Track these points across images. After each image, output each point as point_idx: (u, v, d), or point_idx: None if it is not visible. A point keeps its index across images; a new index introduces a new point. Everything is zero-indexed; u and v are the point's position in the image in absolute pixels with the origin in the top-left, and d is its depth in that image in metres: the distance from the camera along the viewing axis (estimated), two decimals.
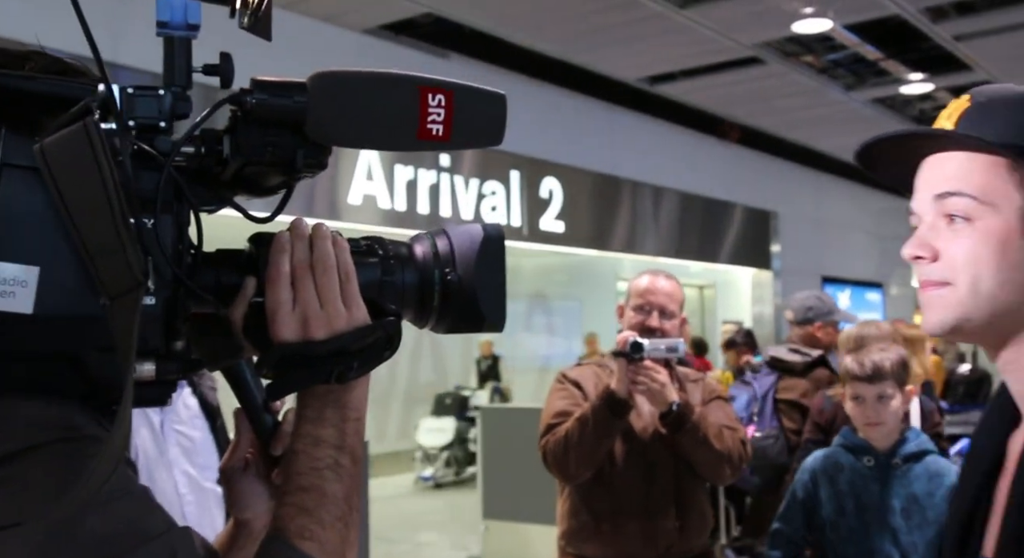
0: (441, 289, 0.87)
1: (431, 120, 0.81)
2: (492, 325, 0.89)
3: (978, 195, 0.94)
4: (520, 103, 8.28)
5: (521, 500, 5.61)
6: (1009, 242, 0.94)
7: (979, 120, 0.95)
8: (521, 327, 11.35)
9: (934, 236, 0.97)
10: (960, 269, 0.95)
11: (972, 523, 1.03)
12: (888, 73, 7.97)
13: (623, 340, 2.45)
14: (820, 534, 2.63)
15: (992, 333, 0.98)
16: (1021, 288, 0.94)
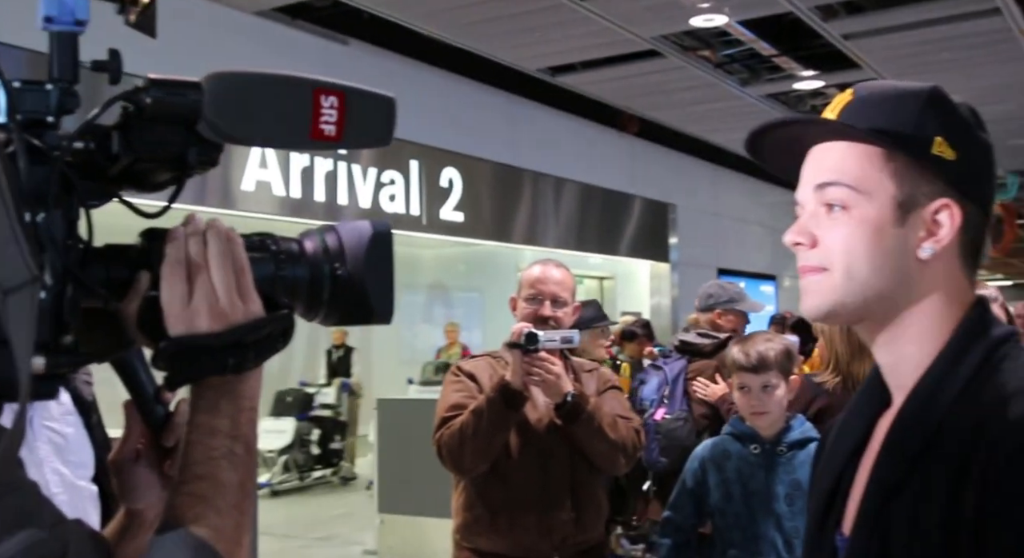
0: (331, 283, 0.89)
1: (324, 120, 0.84)
2: (381, 317, 0.92)
3: (854, 185, 0.98)
4: (420, 92, 8.24)
5: (417, 494, 5.57)
6: (883, 229, 0.98)
7: (859, 113, 1.00)
8: (421, 318, 11.28)
9: (814, 224, 1.01)
10: (837, 256, 0.99)
11: (834, 500, 1.06)
12: (781, 69, 8.17)
13: (518, 331, 2.44)
14: (709, 520, 2.68)
15: (867, 317, 1.02)
16: (893, 274, 0.98)
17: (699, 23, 6.67)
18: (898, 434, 0.98)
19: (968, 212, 0.98)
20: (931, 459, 0.92)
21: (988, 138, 1.02)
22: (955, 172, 0.98)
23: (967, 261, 1.01)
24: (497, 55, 7.57)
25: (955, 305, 1.00)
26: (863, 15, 6.72)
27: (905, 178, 0.98)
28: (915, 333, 1.00)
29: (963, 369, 0.95)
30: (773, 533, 2.55)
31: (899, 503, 0.93)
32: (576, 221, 9.86)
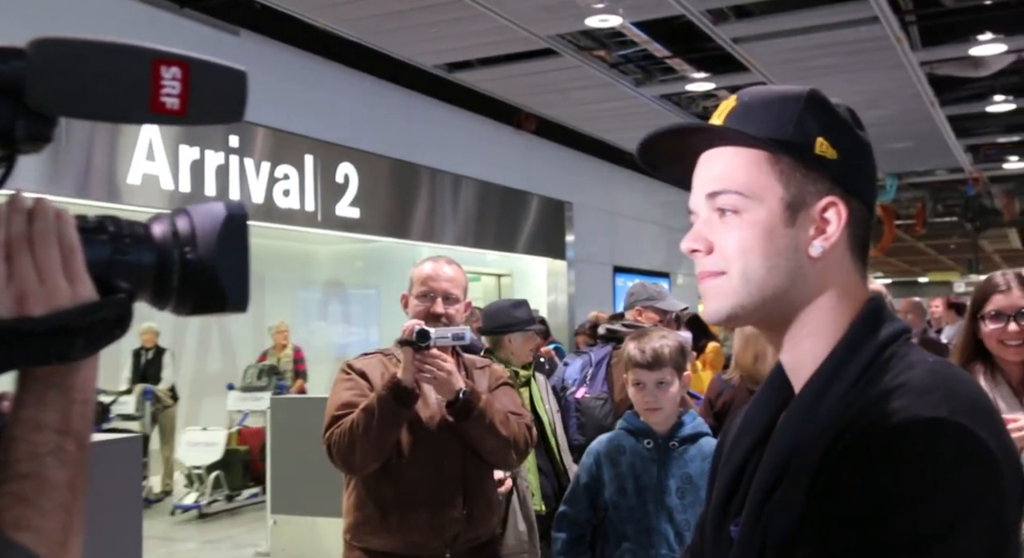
0: (180, 269, 0.84)
1: (165, 93, 0.78)
2: (235, 305, 0.86)
3: (743, 191, 1.01)
4: (315, 86, 8.08)
5: (310, 494, 5.49)
6: (774, 230, 1.00)
7: (743, 117, 1.02)
8: (317, 316, 11.10)
9: (709, 230, 1.03)
10: (732, 259, 1.01)
11: (736, 490, 1.07)
12: (674, 71, 8.33)
13: (409, 329, 2.42)
14: (603, 515, 2.71)
15: (766, 318, 1.04)
16: (787, 273, 1.01)
17: (594, 23, 6.75)
18: (782, 433, 1.00)
19: (853, 208, 1.02)
20: (805, 452, 0.94)
21: (866, 137, 1.06)
22: (838, 170, 1.01)
23: (856, 256, 1.04)
24: (394, 50, 7.51)
25: (849, 300, 1.02)
26: (751, 20, 6.90)
27: (791, 179, 1.00)
28: (812, 330, 1.02)
29: (853, 366, 0.97)
30: (665, 526, 2.59)
31: (775, 501, 0.95)
32: (474, 218, 9.85)
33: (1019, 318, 2.55)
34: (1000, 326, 2.56)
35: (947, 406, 0.88)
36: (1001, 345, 2.59)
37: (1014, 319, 2.55)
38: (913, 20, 7.12)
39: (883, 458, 0.87)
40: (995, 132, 11.32)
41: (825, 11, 6.64)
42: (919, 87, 8.35)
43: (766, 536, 0.95)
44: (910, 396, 0.90)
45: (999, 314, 2.57)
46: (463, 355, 2.66)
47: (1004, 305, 2.57)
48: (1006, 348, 2.59)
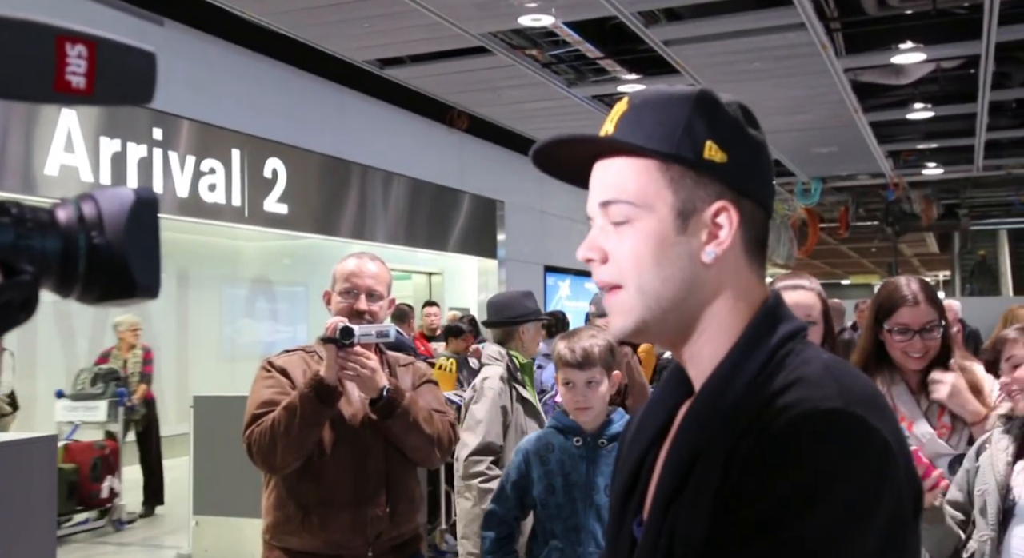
0: (88, 254, 0.79)
1: (70, 72, 0.75)
2: (145, 292, 0.82)
3: (634, 200, 1.00)
4: (242, 79, 7.92)
5: (233, 493, 5.39)
6: (666, 239, 1.00)
7: (633, 122, 1.01)
8: (242, 313, 10.91)
9: (603, 238, 1.03)
10: (627, 271, 1.01)
11: (635, 486, 1.07)
12: (606, 72, 8.39)
13: (332, 326, 2.38)
14: (532, 513, 2.71)
15: (668, 331, 1.04)
16: (682, 282, 1.00)
17: (527, 22, 6.75)
18: (683, 432, 1.00)
19: (747, 211, 1.01)
20: (711, 450, 0.94)
21: (760, 135, 1.04)
22: (728, 174, 1.00)
23: (752, 257, 1.03)
24: (325, 45, 7.40)
25: (745, 302, 1.02)
26: (682, 22, 6.98)
27: (681, 186, 0.99)
28: (710, 334, 1.02)
29: (750, 365, 0.97)
30: (593, 523, 2.60)
31: (682, 500, 0.95)
32: (405, 216, 9.78)
33: (924, 334, 2.61)
34: (905, 340, 2.62)
35: (842, 398, 0.89)
36: (904, 355, 2.65)
37: (919, 334, 2.61)
38: (838, 27, 7.29)
39: (784, 452, 0.88)
40: (915, 139, 11.66)
41: (753, 16, 6.75)
42: (843, 93, 8.55)
43: (673, 538, 0.94)
44: (806, 389, 0.91)
45: (906, 329, 2.62)
46: (386, 352, 2.64)
47: (911, 320, 2.61)
48: (909, 358, 2.65)
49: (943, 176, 14.04)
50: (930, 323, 2.61)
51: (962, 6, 6.98)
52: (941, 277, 27.68)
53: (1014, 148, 12.37)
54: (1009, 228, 20.10)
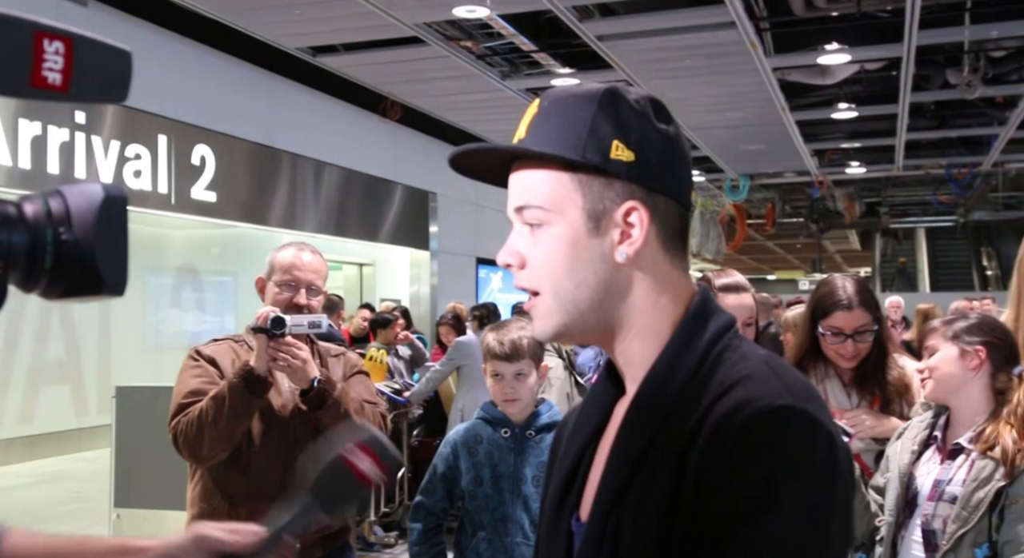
0: (55, 250, 0.81)
1: (47, 68, 0.75)
2: (111, 289, 0.84)
3: (545, 205, 1.01)
4: (169, 64, 7.73)
5: (156, 485, 5.30)
6: (578, 242, 1.00)
7: (543, 125, 1.02)
8: (168, 302, 10.68)
9: (521, 243, 1.04)
10: (543, 277, 1.01)
11: (571, 485, 1.08)
12: (540, 65, 8.41)
13: (264, 316, 2.35)
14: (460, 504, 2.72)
15: (591, 332, 1.04)
16: (596, 285, 1.01)
17: (462, 14, 6.73)
18: (626, 431, 1.00)
19: (659, 207, 1.01)
20: (658, 450, 0.95)
21: (671, 129, 1.04)
22: (637, 172, 1.00)
23: (672, 253, 1.03)
24: (255, 31, 7.28)
25: (670, 298, 1.03)
26: (615, 18, 7.03)
27: (590, 188, 1.00)
28: (637, 332, 1.02)
29: (686, 363, 0.98)
30: (521, 514, 2.62)
31: (630, 494, 0.96)
32: (336, 206, 9.69)
33: (856, 337, 2.69)
34: (838, 342, 2.70)
35: (791, 395, 0.91)
36: (837, 355, 2.74)
37: (851, 338, 2.69)
38: (767, 27, 7.42)
39: (745, 453, 0.89)
40: (839, 138, 11.95)
41: (685, 14, 6.84)
42: (771, 92, 8.72)
43: (618, 538, 0.95)
44: (754, 387, 0.92)
45: (839, 333, 2.70)
46: (318, 343, 2.62)
47: (845, 324, 2.69)
48: (842, 358, 2.74)
49: (865, 175, 14.42)
50: (863, 327, 2.68)
51: (885, 10, 7.18)
52: (863, 273, 28.47)
53: (932, 149, 12.78)
54: (927, 226, 20.78)
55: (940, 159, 13.14)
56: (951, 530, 2.21)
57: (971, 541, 2.18)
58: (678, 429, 0.94)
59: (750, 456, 0.88)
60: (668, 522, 0.91)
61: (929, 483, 2.32)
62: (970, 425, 2.33)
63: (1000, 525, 2.18)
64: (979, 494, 2.19)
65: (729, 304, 2.61)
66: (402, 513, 6.57)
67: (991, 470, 2.21)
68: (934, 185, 15.21)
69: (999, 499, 2.18)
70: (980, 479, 2.21)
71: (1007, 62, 8.56)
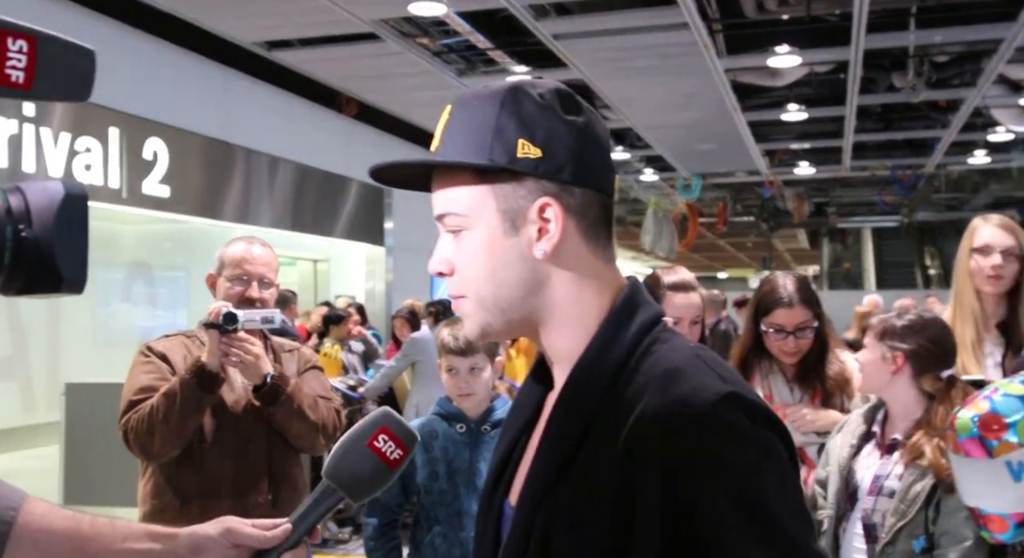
0: (14, 246, 0.82)
1: (10, 66, 0.76)
2: (71, 286, 0.85)
3: (462, 211, 1.03)
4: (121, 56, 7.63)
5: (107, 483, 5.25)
6: (495, 244, 1.02)
7: (452, 134, 1.04)
8: (119, 298, 10.52)
9: (449, 251, 1.06)
10: (467, 282, 1.04)
11: (504, 471, 1.11)
12: (496, 63, 8.43)
13: (216, 311, 2.36)
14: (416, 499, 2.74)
15: (517, 329, 1.06)
16: (516, 283, 1.03)
17: (418, 10, 6.73)
18: (555, 422, 1.01)
19: (575, 199, 1.02)
20: (593, 443, 0.96)
21: (581, 118, 1.03)
22: (546, 168, 1.00)
23: (595, 243, 1.04)
24: (209, 24, 7.21)
25: (596, 290, 1.03)
26: (571, 17, 7.08)
27: (502, 189, 1.01)
28: (562, 325, 1.03)
29: (613, 354, 0.99)
30: (475, 508, 2.64)
31: (564, 486, 0.96)
32: (291, 201, 9.62)
33: (797, 333, 2.77)
34: (780, 339, 2.78)
35: (727, 383, 0.94)
36: (780, 352, 2.82)
37: (792, 335, 2.77)
38: (719, 29, 7.52)
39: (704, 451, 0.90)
40: (789, 139, 12.14)
41: (639, 14, 6.90)
42: (723, 93, 8.83)
43: (549, 528, 0.96)
44: (693, 379, 0.94)
45: (781, 329, 2.78)
46: (271, 338, 2.62)
47: (786, 321, 2.77)
48: (784, 354, 2.82)
49: (814, 175, 14.65)
50: (804, 324, 2.76)
51: (834, 13, 7.32)
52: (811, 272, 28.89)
53: (878, 150, 13.04)
54: (873, 226, 21.17)
55: (886, 161, 13.40)
56: (890, 523, 2.28)
57: (909, 533, 2.25)
58: (614, 423, 0.94)
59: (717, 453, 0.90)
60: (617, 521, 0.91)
61: (869, 477, 2.39)
62: (905, 420, 2.41)
63: (936, 518, 2.25)
64: (916, 488, 2.27)
65: (677, 302, 2.67)
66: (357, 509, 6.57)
67: (926, 465, 2.29)
68: (880, 186, 15.50)
69: (935, 493, 2.26)
70: (916, 474, 2.29)
71: (950, 67, 8.77)
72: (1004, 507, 2.07)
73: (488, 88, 1.04)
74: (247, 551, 1.20)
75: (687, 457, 0.89)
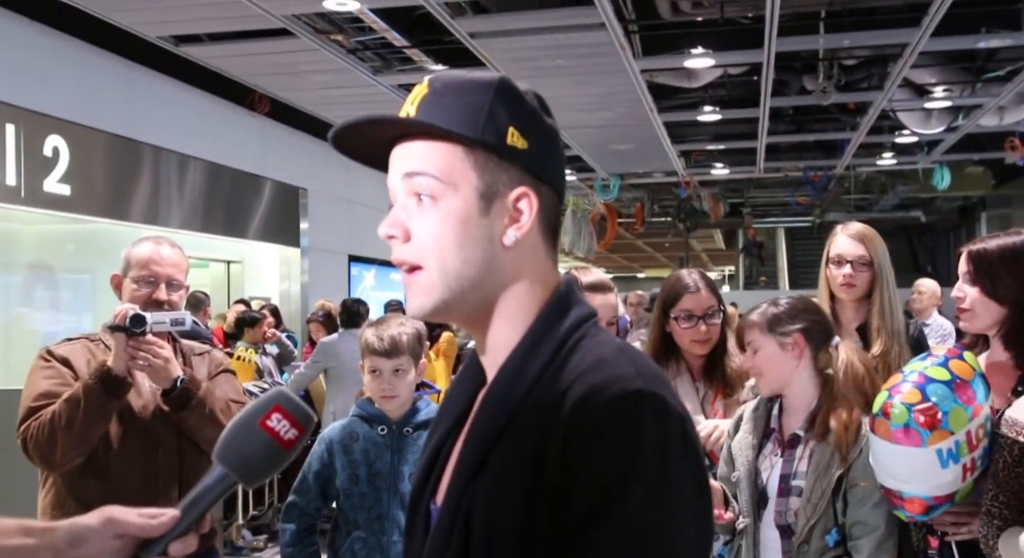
0: None
1: None
2: None
3: (439, 175, 1.01)
4: (18, 49, 7.33)
5: (4, 494, 5.01)
6: (469, 220, 1.01)
7: (435, 106, 1.02)
8: (19, 301, 10.10)
9: (406, 216, 1.04)
10: (429, 251, 1.02)
11: (432, 470, 1.10)
12: (412, 61, 8.35)
13: (122, 314, 2.25)
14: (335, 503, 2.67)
15: (467, 311, 1.05)
16: (482, 263, 1.02)
17: (332, 6, 6.62)
18: (482, 414, 1.01)
19: (545, 197, 1.04)
20: (512, 437, 0.96)
21: (554, 124, 1.08)
22: (529, 160, 1.03)
23: (548, 242, 1.07)
24: (113, 17, 6.95)
25: (540, 286, 1.05)
26: (487, 16, 7.06)
27: (485, 169, 1.01)
28: (506, 316, 1.04)
29: (544, 349, 1.00)
30: (397, 512, 2.59)
31: (482, 481, 0.96)
32: (202, 201, 9.36)
33: (706, 318, 2.81)
34: (691, 325, 2.81)
35: (642, 379, 0.95)
36: (691, 342, 2.84)
37: (703, 319, 2.80)
38: (635, 30, 7.59)
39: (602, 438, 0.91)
40: (704, 140, 12.34)
41: (556, 13, 6.92)
42: (640, 93, 8.92)
43: (469, 521, 0.96)
44: (609, 370, 0.95)
45: (690, 315, 2.81)
46: (180, 341, 2.52)
47: (694, 306, 2.82)
48: (695, 344, 2.84)
49: (729, 176, 14.94)
50: (711, 309, 2.82)
51: (747, 16, 7.45)
52: (727, 271, 29.52)
53: (791, 152, 13.36)
54: (786, 226, 21.71)
55: (798, 162, 13.74)
56: (801, 523, 2.30)
57: (821, 528, 2.28)
58: (534, 413, 0.96)
59: (605, 442, 0.90)
60: (529, 508, 0.92)
61: (775, 478, 2.40)
62: (802, 410, 2.43)
63: (845, 508, 2.28)
64: (821, 484, 2.29)
65: (596, 303, 2.66)
66: (272, 515, 6.41)
67: (828, 457, 2.31)
68: (792, 187, 15.89)
69: (840, 485, 2.28)
70: (819, 470, 2.31)
71: (858, 70, 9.02)
72: (927, 491, 2.11)
73: (473, 73, 1.05)
74: (132, 541, 1.12)
75: (583, 435, 0.91)
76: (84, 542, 1.11)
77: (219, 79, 8.72)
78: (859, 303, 2.91)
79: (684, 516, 0.91)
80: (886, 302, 2.84)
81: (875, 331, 2.81)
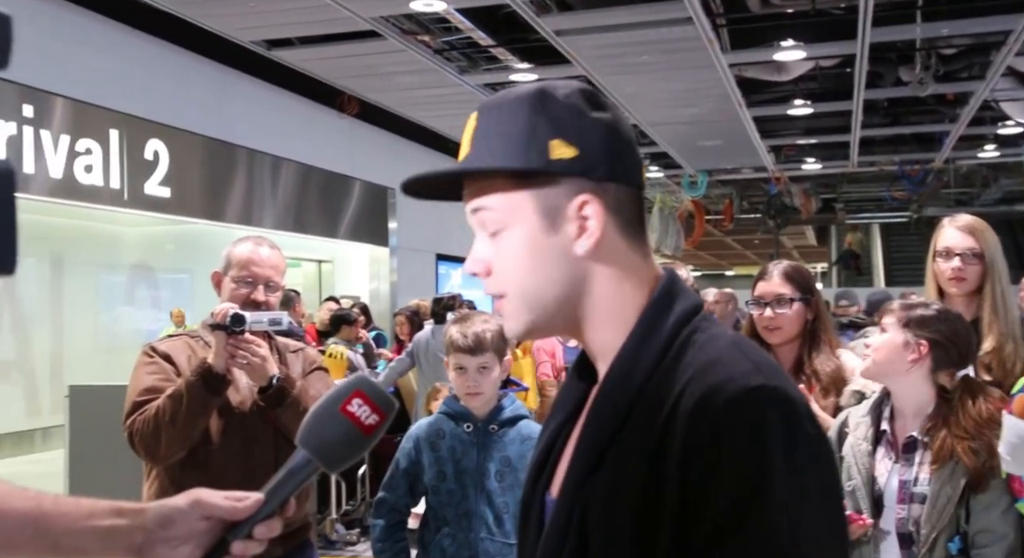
0: None
1: None
2: (1, 267, 0.79)
3: (497, 208, 1.03)
4: (119, 56, 7.61)
5: (111, 486, 5.21)
6: (537, 242, 1.02)
7: (484, 136, 1.04)
8: (122, 300, 10.51)
9: (485, 251, 1.05)
10: (507, 281, 1.03)
11: (546, 464, 1.10)
12: (498, 60, 8.38)
13: (222, 313, 2.31)
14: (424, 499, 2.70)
15: (560, 326, 1.06)
16: (560, 280, 1.03)
17: (419, 7, 6.69)
18: (597, 412, 1.01)
19: (611, 195, 1.02)
20: (628, 434, 0.96)
21: (607, 115, 1.04)
22: (582, 166, 1.01)
23: (631, 237, 1.04)
24: (208, 23, 7.16)
25: (633, 284, 1.04)
26: (573, 13, 7.03)
27: (540, 188, 1.01)
28: (606, 319, 1.03)
29: (652, 346, 0.99)
30: (484, 509, 2.60)
31: (600, 477, 0.96)
32: (294, 202, 9.59)
33: (775, 305, 2.72)
34: (760, 312, 2.74)
35: (762, 374, 0.92)
36: (765, 330, 2.77)
37: (770, 306, 2.73)
38: (723, 24, 7.47)
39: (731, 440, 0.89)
40: (795, 134, 12.07)
41: (643, 9, 6.85)
42: (728, 88, 8.77)
43: (585, 520, 0.96)
44: (729, 369, 0.93)
45: (759, 301, 2.75)
46: (276, 339, 2.58)
47: (763, 292, 2.75)
48: (765, 331, 2.77)
49: (821, 171, 14.59)
50: (780, 296, 2.73)
51: (839, 7, 7.26)
52: (819, 268, 28.83)
53: (886, 145, 12.96)
54: (881, 222, 21.09)
55: (893, 156, 13.33)
56: (925, 532, 2.21)
57: (945, 537, 2.19)
58: (650, 413, 0.95)
59: (729, 453, 0.88)
60: (648, 515, 0.91)
61: (894, 484, 2.31)
62: (917, 416, 2.34)
63: (967, 516, 2.19)
64: (947, 491, 2.20)
65: None
66: (364, 510, 6.53)
67: (952, 466, 2.22)
68: (888, 181, 15.43)
69: (965, 492, 2.19)
70: (944, 476, 2.22)
71: (958, 59, 8.69)
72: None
73: (512, 92, 1.05)
74: (218, 523, 1.15)
75: (705, 446, 0.89)
76: (172, 523, 1.14)
77: (309, 82, 8.91)
78: (969, 298, 2.75)
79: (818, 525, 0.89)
80: (999, 296, 2.68)
81: (987, 326, 2.66)
